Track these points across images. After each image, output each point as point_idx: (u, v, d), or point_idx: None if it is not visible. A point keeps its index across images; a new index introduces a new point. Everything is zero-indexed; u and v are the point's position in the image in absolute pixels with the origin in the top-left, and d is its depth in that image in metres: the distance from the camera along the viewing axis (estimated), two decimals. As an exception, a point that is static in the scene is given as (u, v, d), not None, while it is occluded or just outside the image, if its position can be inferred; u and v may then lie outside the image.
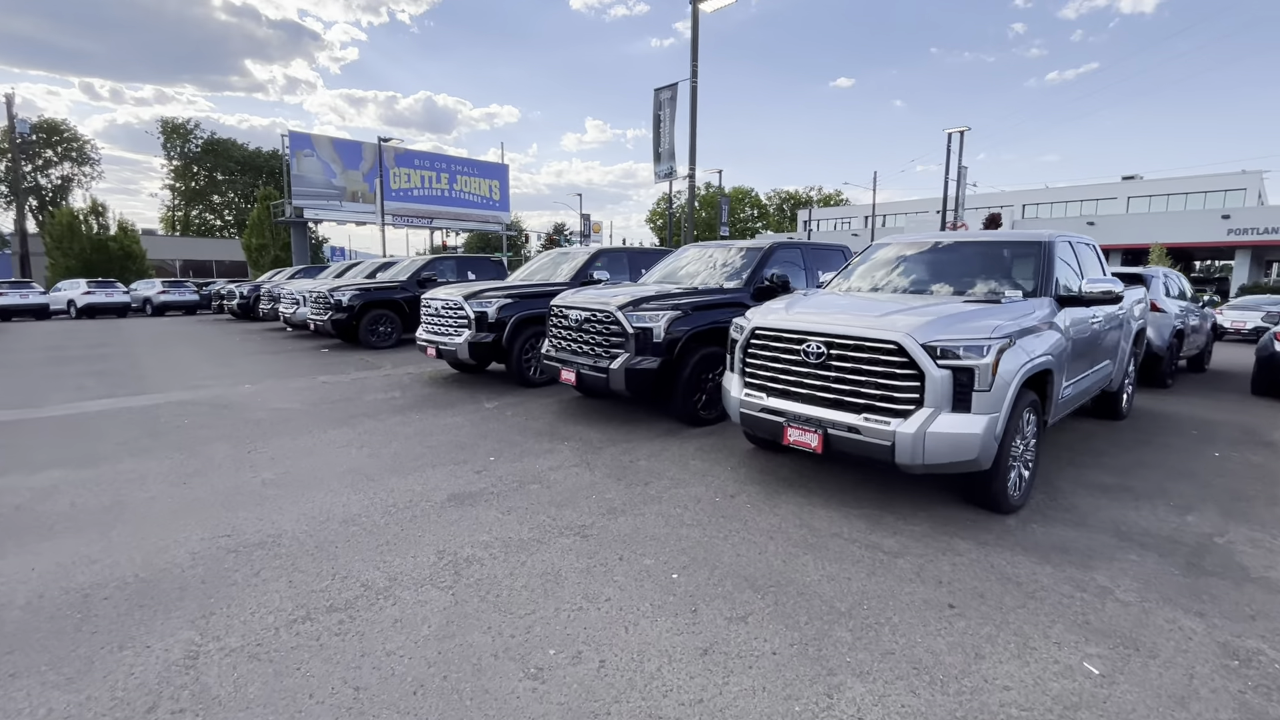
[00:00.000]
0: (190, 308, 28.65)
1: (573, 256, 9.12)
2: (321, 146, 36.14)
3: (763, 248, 6.96)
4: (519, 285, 8.07)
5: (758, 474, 4.64)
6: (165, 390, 8.01)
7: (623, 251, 9.24)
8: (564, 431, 5.82)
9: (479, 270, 13.80)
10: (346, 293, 11.82)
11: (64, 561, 3.21)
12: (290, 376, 8.97)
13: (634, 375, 5.59)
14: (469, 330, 7.55)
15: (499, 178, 44.83)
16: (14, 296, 25.42)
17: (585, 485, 4.39)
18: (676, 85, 14.17)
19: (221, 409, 6.83)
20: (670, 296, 5.95)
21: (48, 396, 7.64)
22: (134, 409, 6.86)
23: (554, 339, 6.48)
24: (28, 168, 56.12)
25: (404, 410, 6.69)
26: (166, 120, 64.65)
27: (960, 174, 27.09)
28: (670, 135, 14.48)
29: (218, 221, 67.37)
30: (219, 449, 5.26)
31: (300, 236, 36.65)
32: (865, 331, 3.73)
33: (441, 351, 7.79)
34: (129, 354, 11.88)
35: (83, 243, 32.84)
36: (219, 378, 8.94)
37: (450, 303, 7.77)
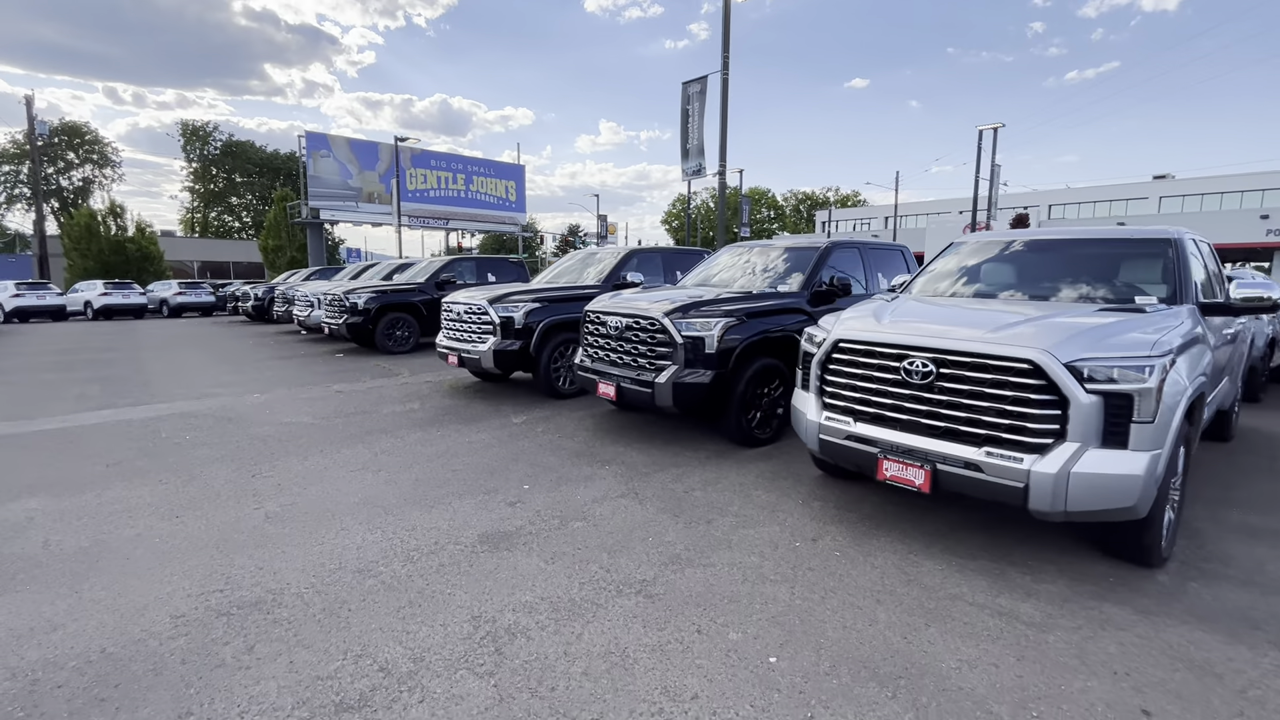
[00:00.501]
0: (206, 309, 28.48)
1: (602, 257, 8.51)
2: (338, 147, 35.93)
3: (818, 247, 6.29)
4: (546, 289, 7.47)
5: (836, 510, 3.97)
6: (170, 399, 7.50)
7: (656, 252, 8.61)
8: (603, 453, 5.20)
9: (499, 272, 13.24)
10: (362, 295, 11.30)
11: (18, 627, 2.63)
12: (302, 385, 8.44)
13: (683, 390, 4.95)
14: (494, 337, 6.96)
15: (515, 178, 44.44)
16: (31, 298, 25.33)
17: (638, 523, 3.75)
18: (706, 78, 13.52)
19: (226, 422, 6.28)
20: (721, 302, 5.31)
21: (46, 406, 7.15)
22: (133, 422, 6.34)
23: (589, 348, 5.85)
24: (49, 170, 56.71)
25: (424, 425, 6.10)
26: (186, 123, 65.16)
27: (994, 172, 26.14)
28: (699, 130, 13.82)
29: (236, 223, 67.73)
30: (219, 472, 4.69)
31: (316, 237, 36.45)
32: (988, 347, 3.06)
33: (464, 360, 7.20)
34: (137, 359, 11.45)
35: (101, 244, 32.84)
36: (227, 386, 8.43)
37: (474, 307, 7.18)
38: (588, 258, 8.90)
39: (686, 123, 13.99)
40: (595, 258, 8.70)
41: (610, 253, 8.52)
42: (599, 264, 8.39)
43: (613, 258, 8.22)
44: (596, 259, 8.62)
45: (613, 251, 8.49)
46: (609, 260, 8.23)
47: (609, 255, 8.42)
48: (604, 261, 8.34)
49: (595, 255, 8.82)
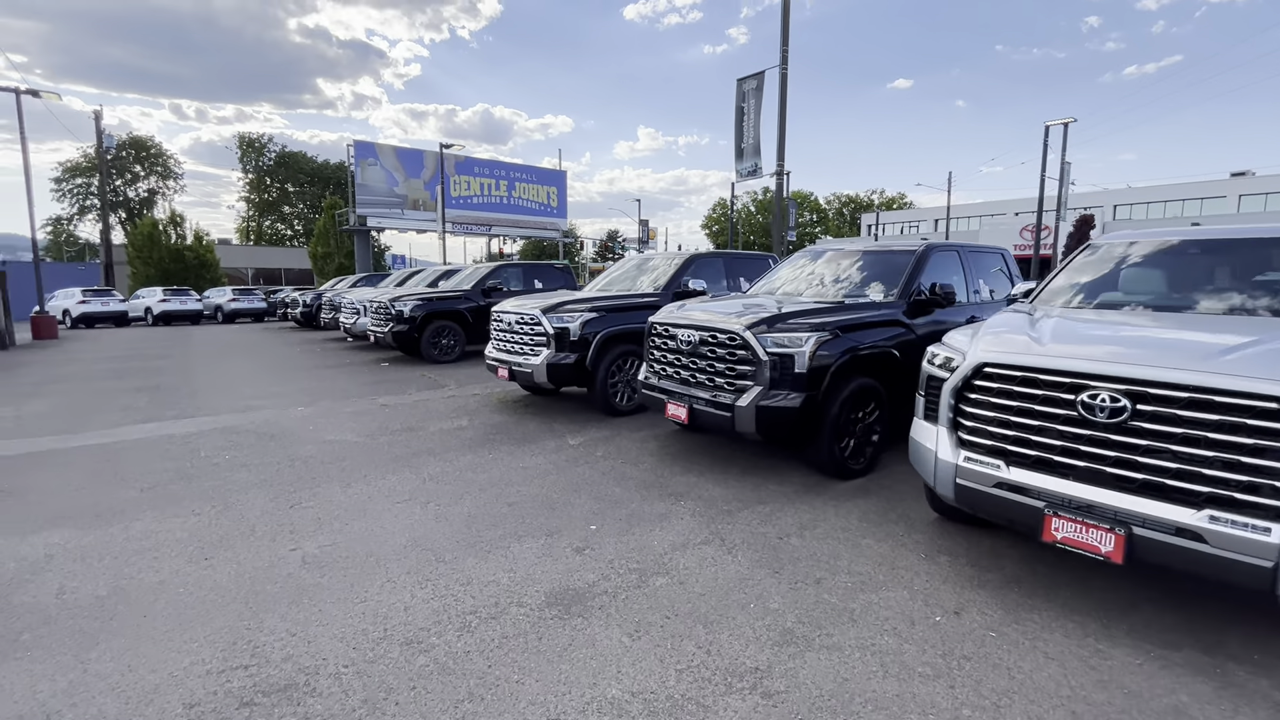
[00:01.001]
0: (258, 315, 29.12)
1: (658, 264, 7.93)
2: (385, 155, 36.47)
3: (912, 250, 5.56)
4: (602, 297, 6.92)
5: (971, 569, 3.27)
6: (214, 412, 7.23)
7: (717, 257, 7.98)
8: (674, 484, 4.59)
9: (545, 278, 12.82)
10: (408, 303, 11.00)
11: (7, 716, 2.18)
12: (347, 397, 8.10)
13: (770, 415, 4.31)
14: (547, 349, 6.44)
15: (557, 184, 44.43)
16: (96, 304, 26.28)
17: (731, 581, 3.13)
18: (763, 74, 12.85)
19: (268, 440, 5.92)
20: (808, 314, 4.65)
21: (92, 418, 6.96)
22: (175, 438, 6.05)
23: (656, 364, 5.26)
24: (118, 182, 59.62)
25: (474, 446, 5.61)
26: (243, 136, 67.68)
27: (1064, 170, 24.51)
28: (755, 129, 13.15)
29: (288, 231, 69.94)
30: (256, 501, 4.27)
31: (363, 244, 37.05)
32: (1214, 379, 2.35)
33: (515, 373, 6.71)
34: (188, 367, 11.41)
35: (162, 252, 34.02)
36: (272, 397, 8.16)
37: (525, 317, 6.68)
38: (642, 264, 8.34)
39: (741, 121, 13.33)
40: (650, 264, 8.13)
41: (667, 258, 7.93)
42: (656, 270, 7.81)
43: (671, 264, 7.63)
44: (652, 265, 8.05)
45: (670, 257, 7.90)
46: (668, 266, 7.65)
47: (667, 261, 7.84)
48: (661, 267, 7.76)
49: (650, 261, 8.25)
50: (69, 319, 25.94)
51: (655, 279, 7.59)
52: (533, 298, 7.35)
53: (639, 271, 8.11)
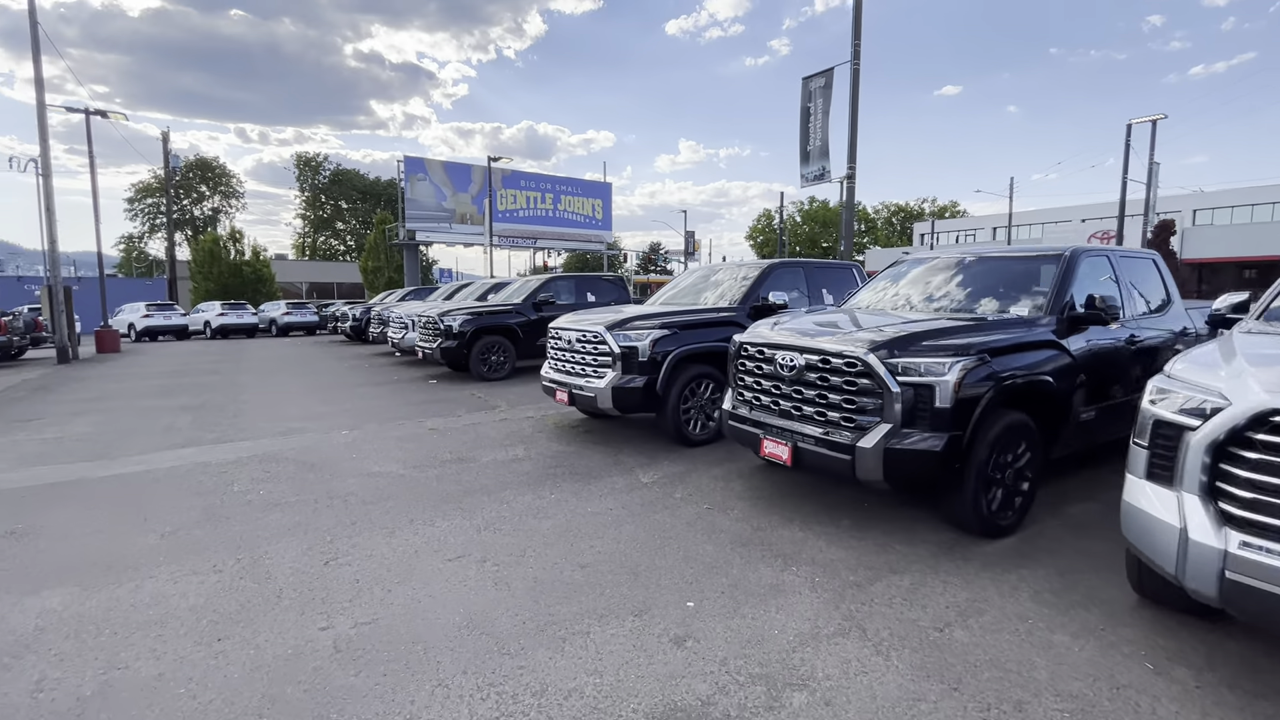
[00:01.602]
0: (310, 328, 29.56)
1: (730, 274, 7.14)
2: (434, 170, 36.94)
3: (1054, 254, 4.62)
4: (672, 312, 6.17)
5: (1230, 692, 2.34)
6: (255, 435, 6.77)
7: (798, 266, 7.14)
8: (776, 539, 3.77)
9: (598, 291, 12.18)
10: (457, 318, 10.50)
11: None
12: (394, 419, 7.56)
13: (903, 459, 3.46)
14: (613, 371, 5.72)
15: (602, 196, 44.26)
16: (159, 318, 27.10)
17: (895, 701, 2.30)
18: (832, 71, 11.98)
19: (307, 470, 5.36)
20: (944, 333, 3.78)
21: (129, 442, 6.58)
22: (210, 466, 5.55)
23: (745, 391, 4.45)
24: (184, 201, 62.57)
25: (534, 484, 4.90)
26: (300, 155, 70.30)
27: (1152, 172, 22.59)
28: (823, 130, 12.25)
29: (341, 246, 72.08)
30: (287, 553, 3.65)
31: (412, 258, 37.52)
32: None
33: (575, 397, 6.01)
34: (236, 382, 11.18)
35: (222, 267, 35.13)
36: (317, 419, 7.69)
37: (588, 334, 5.98)
38: (709, 274, 7.56)
39: (807, 122, 12.45)
40: (719, 275, 7.35)
41: (741, 268, 7.14)
42: (727, 282, 7.03)
43: (747, 274, 6.83)
44: (722, 276, 7.26)
45: (743, 267, 7.11)
46: (743, 277, 6.85)
47: (741, 271, 7.04)
48: (735, 279, 6.96)
49: (719, 272, 7.46)
50: (134, 332, 26.82)
51: (728, 292, 6.80)
52: (593, 313, 6.66)
53: (706, 283, 7.34)
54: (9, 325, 15.60)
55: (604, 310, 6.88)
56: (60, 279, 15.08)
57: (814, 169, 12.59)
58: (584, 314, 6.65)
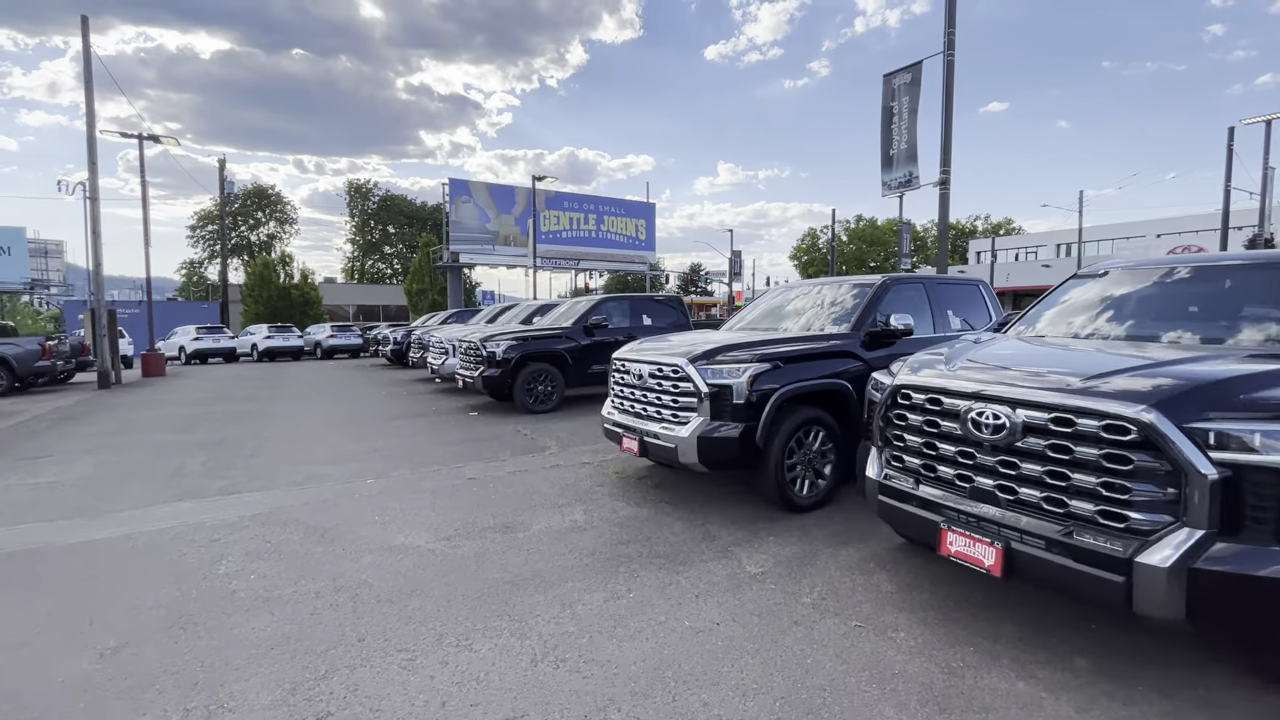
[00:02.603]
0: (354, 351, 29.38)
1: (830, 293, 5.83)
2: (478, 192, 36.82)
3: None
4: (769, 341, 4.90)
5: None
6: (267, 484, 5.77)
7: (917, 281, 5.78)
8: (990, 694, 2.43)
9: (655, 314, 11.03)
10: (500, 343, 9.47)
11: None
12: (428, 463, 6.48)
13: (1218, 587, 2.09)
14: (699, 415, 4.47)
15: (645, 217, 43.49)
16: (208, 341, 27.28)
17: None
18: (920, 65, 10.62)
19: (316, 541, 4.26)
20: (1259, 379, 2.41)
21: (123, 491, 5.66)
22: (202, 531, 4.52)
23: (911, 457, 3.12)
24: (241, 227, 64.81)
25: (603, 571, 3.67)
26: (351, 182, 72.29)
27: (1266, 179, 20.23)
28: (909, 131, 10.85)
29: (388, 269, 73.40)
30: (258, 700, 2.49)
31: (455, 281, 37.33)
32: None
33: (650, 447, 4.77)
34: (267, 413, 10.38)
35: (271, 290, 35.55)
36: (341, 460, 6.67)
37: (666, 368, 4.76)
38: (796, 293, 6.27)
39: (890, 124, 11.10)
40: (811, 295, 6.05)
41: (842, 285, 5.82)
42: (827, 301, 5.73)
43: (857, 291, 5.51)
44: (817, 295, 5.96)
45: (846, 284, 5.79)
46: (851, 295, 5.54)
47: (844, 289, 5.73)
48: (836, 298, 5.65)
49: (811, 291, 6.16)
50: (184, 355, 27.03)
51: (831, 314, 5.50)
52: (667, 341, 5.44)
53: (794, 304, 6.05)
54: (54, 349, 15.40)
55: (678, 337, 5.66)
56: (104, 302, 14.81)
57: (899, 175, 11.16)
58: (655, 342, 5.44)
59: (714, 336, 5.28)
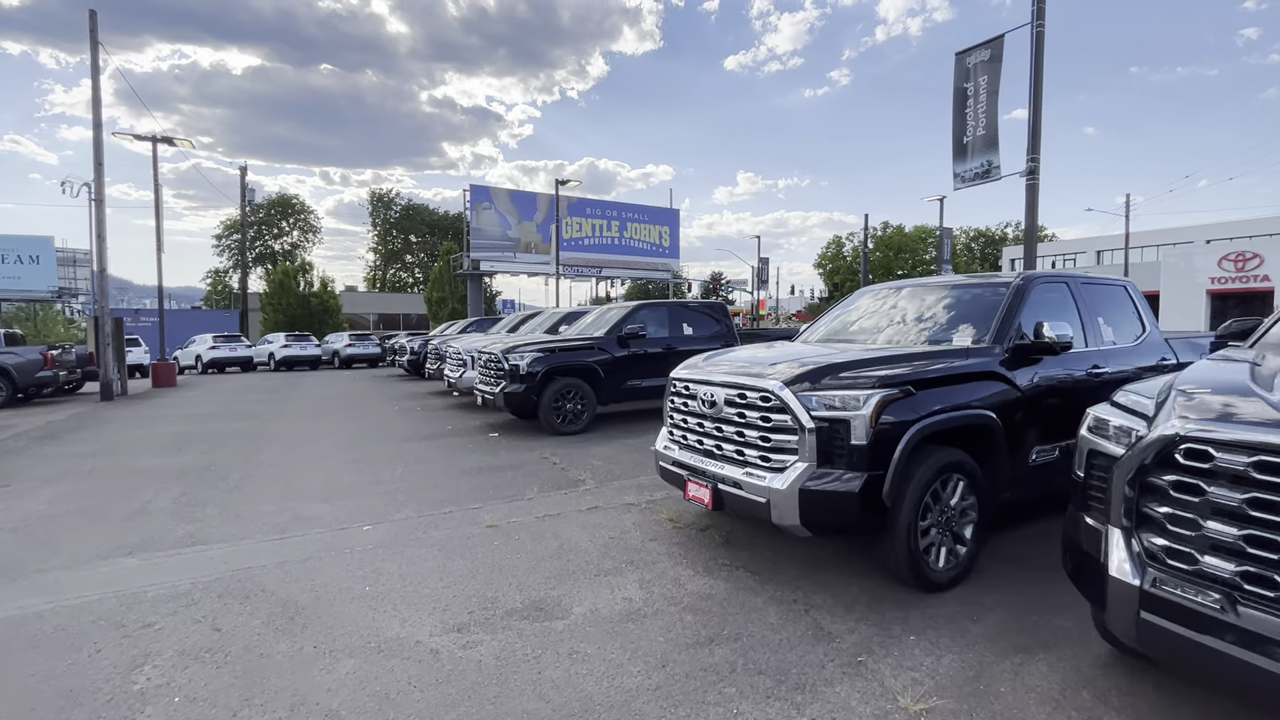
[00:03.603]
0: (373, 360, 28.63)
1: (957, 295, 4.60)
2: (499, 199, 36.11)
3: None
4: (882, 358, 3.66)
5: None
6: (241, 530, 4.69)
7: (1060, 281, 4.50)
8: None
9: (696, 323, 9.85)
10: (524, 356, 8.36)
11: None
12: (440, 503, 5.36)
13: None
14: (801, 460, 3.26)
15: (669, 223, 42.45)
16: (225, 350, 26.68)
17: None
18: (1001, 40, 9.31)
19: (281, 630, 3.13)
20: None
21: (67, 539, 4.61)
22: (139, 605, 3.43)
23: (1198, 547, 1.91)
24: (265, 236, 65.11)
25: (684, 699, 2.48)
26: (374, 191, 72.47)
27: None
28: (989, 115, 9.50)
29: (409, 278, 73.27)
30: None
31: (476, 288, 36.59)
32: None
33: (729, 498, 3.57)
34: (265, 431, 9.38)
35: (291, 299, 35.08)
36: (338, 496, 5.58)
37: (752, 394, 3.54)
38: (886, 295, 5.03)
39: (964, 107, 9.77)
40: (901, 299, 4.83)
41: (967, 286, 4.59)
42: (940, 306, 4.50)
43: (990, 294, 4.27)
44: (914, 299, 4.73)
45: (972, 284, 4.55)
46: (977, 299, 4.31)
47: (971, 290, 4.49)
48: (974, 300, 4.41)
49: (899, 293, 4.93)
50: (200, 364, 26.48)
51: (951, 322, 4.27)
52: (737, 356, 4.25)
53: (892, 309, 4.83)
54: (56, 359, 14.69)
55: (753, 351, 4.45)
56: (108, 309, 14.06)
57: (974, 165, 9.83)
58: (727, 358, 4.25)
59: (806, 351, 4.07)
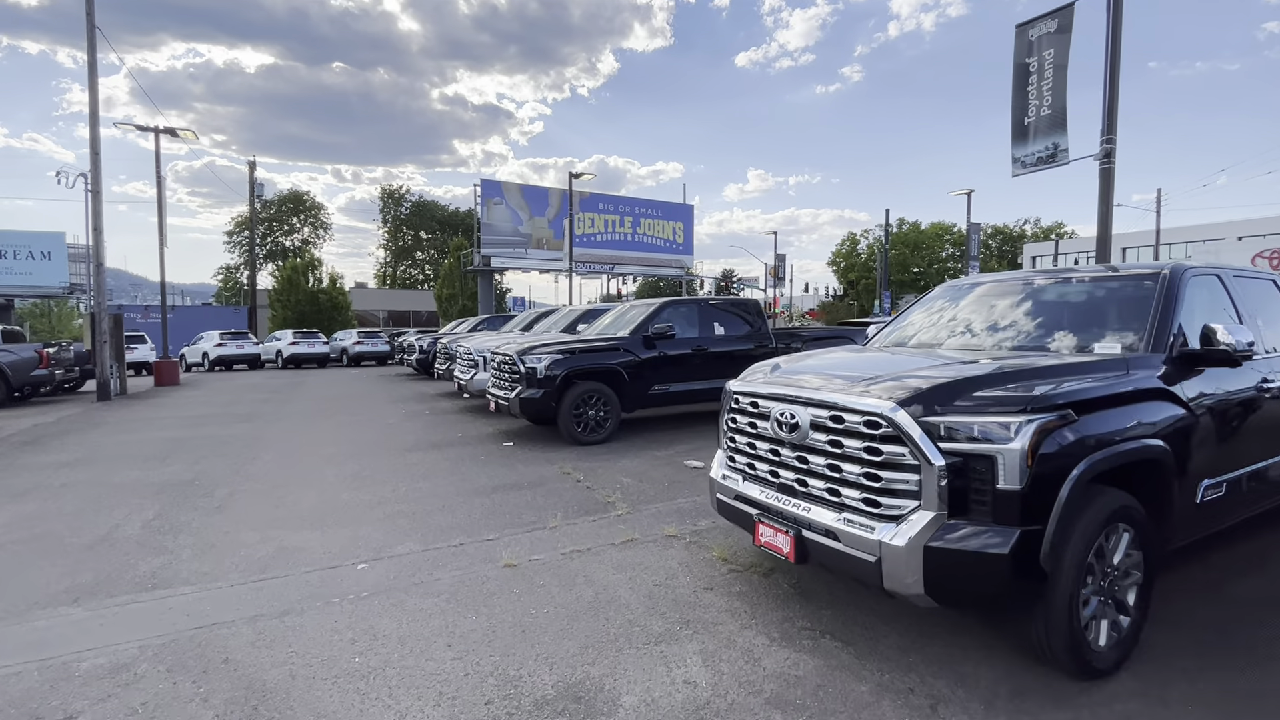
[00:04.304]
0: (382, 358, 28.06)
1: (1058, 289, 3.77)
2: (510, 193, 35.38)
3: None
4: (1019, 371, 2.85)
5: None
6: (214, 568, 3.95)
7: (1209, 273, 3.66)
8: None
9: (727, 321, 9.05)
10: (542, 357, 7.59)
11: None
12: (448, 530, 4.60)
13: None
14: (925, 508, 2.45)
15: (683, 219, 41.55)
16: (231, 347, 26.19)
17: None
18: (1071, 8, 8.35)
19: (242, 717, 2.39)
20: None
21: (9, 577, 3.89)
22: (65, 684, 2.68)
23: None
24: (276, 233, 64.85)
25: None
26: (384, 188, 72.14)
27: None
28: (1056, 93, 8.48)
29: (420, 275, 72.85)
30: None
31: (486, 285, 35.91)
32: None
33: (818, 552, 2.78)
34: (261, 437, 8.68)
35: (299, 295, 34.58)
36: (330, 522, 4.83)
37: (852, 416, 2.73)
38: (1000, 292, 4.20)
39: (1025, 85, 8.80)
40: (1007, 292, 4.00)
41: (1079, 280, 3.76)
42: (1060, 302, 3.67)
43: (1136, 289, 3.44)
44: (1026, 292, 3.91)
45: (1122, 275, 3.73)
46: (1114, 292, 3.48)
47: (1087, 283, 3.67)
48: (1070, 296, 3.59)
49: (1001, 287, 4.11)
50: (207, 361, 25.98)
51: (1092, 326, 3.45)
52: (820, 363, 3.45)
53: (998, 308, 4.00)
54: (53, 357, 14.12)
55: (844, 357, 3.63)
56: (105, 304, 13.44)
57: (1038, 148, 8.87)
58: (800, 366, 3.44)
59: (915, 362, 3.24)
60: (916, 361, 3.15)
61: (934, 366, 2.92)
